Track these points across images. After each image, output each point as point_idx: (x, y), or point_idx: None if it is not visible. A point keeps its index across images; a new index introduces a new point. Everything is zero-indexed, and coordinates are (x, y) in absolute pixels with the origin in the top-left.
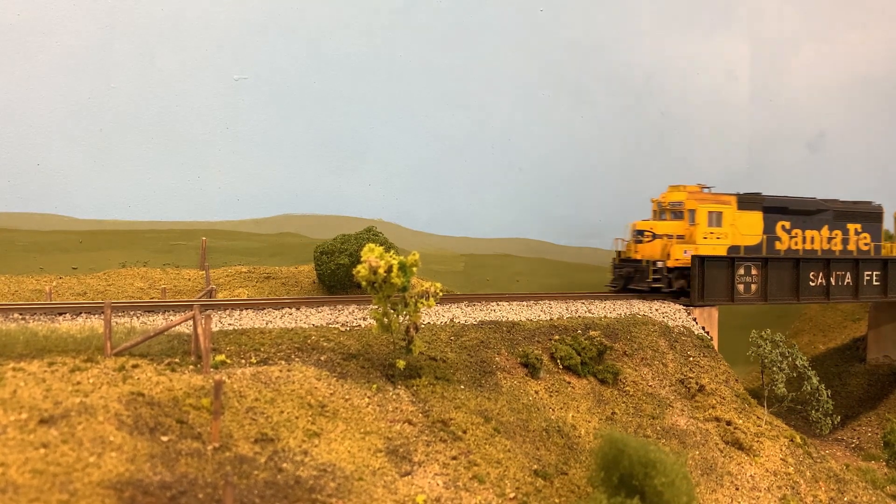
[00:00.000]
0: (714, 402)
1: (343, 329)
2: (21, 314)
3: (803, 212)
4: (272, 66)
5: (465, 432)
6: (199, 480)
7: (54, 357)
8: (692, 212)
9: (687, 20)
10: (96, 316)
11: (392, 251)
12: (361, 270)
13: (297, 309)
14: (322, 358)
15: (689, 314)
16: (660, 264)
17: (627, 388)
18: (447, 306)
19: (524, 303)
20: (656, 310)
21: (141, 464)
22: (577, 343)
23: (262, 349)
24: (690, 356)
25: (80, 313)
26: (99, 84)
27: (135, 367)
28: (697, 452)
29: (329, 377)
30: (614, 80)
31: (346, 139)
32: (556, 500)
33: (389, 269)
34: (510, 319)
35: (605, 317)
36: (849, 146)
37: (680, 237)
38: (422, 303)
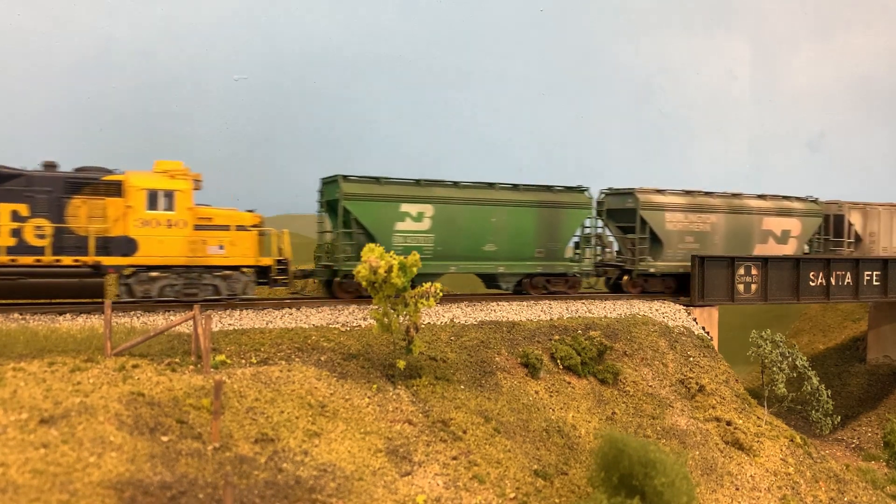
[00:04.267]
0: (714, 402)
1: (343, 329)
2: (21, 314)
3: None
4: (272, 66)
5: (465, 432)
6: (200, 480)
7: (54, 357)
8: None
9: (687, 20)
10: (96, 316)
11: (392, 251)
12: (361, 270)
13: (298, 309)
14: (322, 358)
15: (689, 314)
16: None
17: (627, 388)
18: (447, 306)
19: (524, 303)
20: (656, 310)
21: (141, 464)
22: (578, 343)
23: (262, 349)
24: (690, 356)
25: (81, 313)
26: (99, 84)
27: (135, 367)
28: (697, 452)
29: (329, 377)
30: (615, 79)
31: (347, 139)
32: (556, 500)
33: (389, 269)
34: (510, 319)
35: (606, 317)
36: (849, 146)
37: None
38: (422, 303)
